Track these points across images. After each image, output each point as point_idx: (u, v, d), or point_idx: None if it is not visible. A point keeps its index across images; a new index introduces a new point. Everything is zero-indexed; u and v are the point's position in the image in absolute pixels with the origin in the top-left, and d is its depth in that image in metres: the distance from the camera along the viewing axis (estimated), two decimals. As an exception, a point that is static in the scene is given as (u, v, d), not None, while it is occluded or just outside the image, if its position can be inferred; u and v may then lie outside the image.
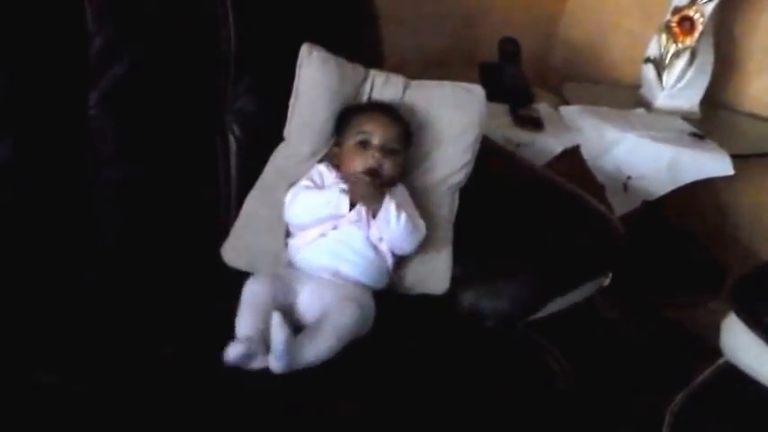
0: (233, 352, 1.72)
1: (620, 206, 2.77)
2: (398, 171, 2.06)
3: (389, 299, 1.99)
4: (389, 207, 1.98)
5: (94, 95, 1.95)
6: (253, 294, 1.87)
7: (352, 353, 1.80)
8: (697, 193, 3.00)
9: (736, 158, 2.72)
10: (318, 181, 2.04)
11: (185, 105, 2.08)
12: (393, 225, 1.98)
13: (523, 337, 2.08)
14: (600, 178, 2.82)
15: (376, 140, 2.02)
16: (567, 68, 3.50)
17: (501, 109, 2.91)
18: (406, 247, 2.03)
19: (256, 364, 1.74)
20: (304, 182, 2.04)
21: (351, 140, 2.04)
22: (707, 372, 2.17)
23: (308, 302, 1.91)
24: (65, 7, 1.91)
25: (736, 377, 2.08)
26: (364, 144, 2.03)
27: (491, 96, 2.39)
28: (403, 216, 1.98)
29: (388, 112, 2.08)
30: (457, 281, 2.09)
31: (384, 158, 2.02)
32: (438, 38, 3.14)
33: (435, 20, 3.12)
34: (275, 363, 1.71)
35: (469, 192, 2.18)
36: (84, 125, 1.94)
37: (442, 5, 3.13)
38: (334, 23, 2.29)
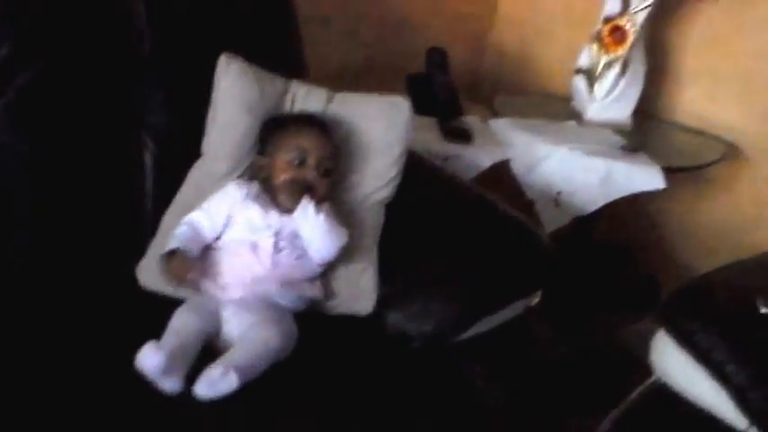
0: (150, 359, 1.64)
1: (551, 222, 2.74)
2: (329, 191, 2.01)
3: (313, 320, 1.93)
4: (308, 207, 1.93)
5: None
6: (181, 323, 1.80)
7: (273, 375, 1.73)
8: (629, 208, 2.99)
9: (668, 171, 2.69)
10: (219, 213, 1.97)
11: (96, 118, 2.02)
12: (311, 221, 1.93)
13: (451, 356, 2.02)
14: (530, 193, 2.78)
15: (312, 159, 1.97)
16: (498, 80, 3.49)
17: (429, 121, 2.87)
18: (325, 253, 1.97)
19: (168, 384, 1.66)
20: (193, 213, 1.97)
21: (284, 156, 1.98)
22: (637, 390, 2.14)
23: (231, 326, 1.84)
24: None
25: (666, 396, 2.07)
26: (296, 160, 1.97)
27: (419, 109, 2.34)
28: (322, 217, 1.93)
29: (321, 127, 2.03)
30: (382, 301, 2.04)
31: (320, 177, 1.97)
32: (363, 48, 3.10)
33: (361, 29, 3.08)
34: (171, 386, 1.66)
35: (395, 208, 2.14)
36: None
37: (368, 14, 3.09)
38: (254, 33, 2.24)
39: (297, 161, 1.96)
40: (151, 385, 1.64)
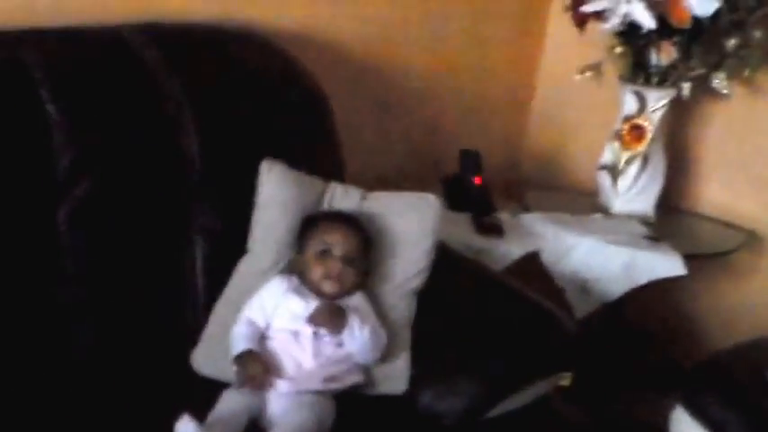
0: (185, 427, 1.79)
1: (580, 308, 2.86)
2: (359, 280, 2.15)
3: (350, 399, 2.07)
4: (353, 326, 2.07)
5: (63, 212, 2.06)
6: (226, 401, 1.97)
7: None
8: (656, 295, 3.11)
9: (690, 259, 2.82)
10: (268, 305, 2.13)
11: (152, 221, 2.19)
12: (358, 343, 2.08)
13: (481, 433, 2.14)
14: (559, 282, 2.91)
15: (337, 251, 2.12)
16: (531, 178, 3.61)
17: (463, 217, 3.01)
18: (370, 358, 2.12)
19: None
20: (247, 309, 2.14)
21: (312, 250, 2.14)
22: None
23: (274, 406, 1.99)
24: (32, 126, 2.04)
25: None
26: (325, 253, 2.12)
27: (454, 206, 2.49)
28: (366, 331, 2.08)
29: (348, 221, 2.18)
30: (415, 381, 2.16)
31: (345, 267, 2.12)
32: (400, 153, 3.25)
33: (397, 135, 3.24)
34: None
35: (430, 295, 2.27)
36: (53, 242, 2.05)
37: (405, 120, 3.25)
38: (295, 139, 2.42)
39: (322, 251, 2.11)
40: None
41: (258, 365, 2.03)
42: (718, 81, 2.96)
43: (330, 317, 2.07)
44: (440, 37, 3.26)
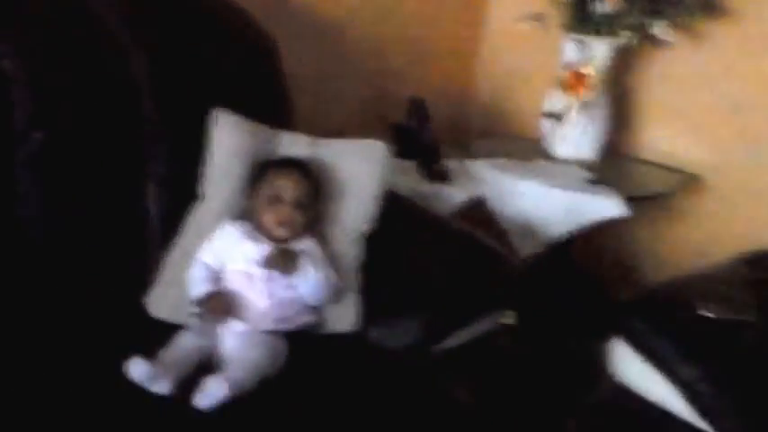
0: (136, 367, 1.89)
1: (525, 250, 2.96)
2: (308, 223, 2.23)
3: (301, 338, 2.16)
4: (305, 269, 2.16)
5: (20, 159, 2.12)
6: (180, 340, 2.06)
7: (264, 390, 1.96)
8: (599, 237, 3.21)
9: (632, 201, 2.93)
10: (222, 249, 2.21)
11: (106, 168, 2.25)
12: (310, 285, 2.17)
13: (429, 368, 2.24)
14: (504, 225, 3.01)
15: (288, 196, 2.19)
16: (477, 126, 3.71)
17: (411, 165, 3.10)
18: (321, 300, 2.21)
19: (157, 387, 1.89)
20: (202, 253, 2.21)
21: (263, 195, 2.21)
22: (597, 393, 2.35)
23: (226, 345, 2.08)
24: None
25: (623, 394, 2.27)
26: (276, 199, 2.19)
27: (402, 154, 2.57)
28: (318, 274, 2.17)
29: (298, 167, 2.25)
30: (365, 319, 2.25)
31: (295, 212, 2.19)
32: (348, 100, 3.32)
33: (345, 85, 3.31)
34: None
35: (378, 237, 2.35)
36: (11, 187, 2.12)
37: (352, 70, 3.32)
38: (245, 88, 2.48)
39: (273, 197, 2.19)
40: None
41: (224, 302, 2.12)
42: (659, 29, 3.04)
43: (283, 260, 2.15)
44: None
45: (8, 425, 1.77)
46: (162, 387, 1.90)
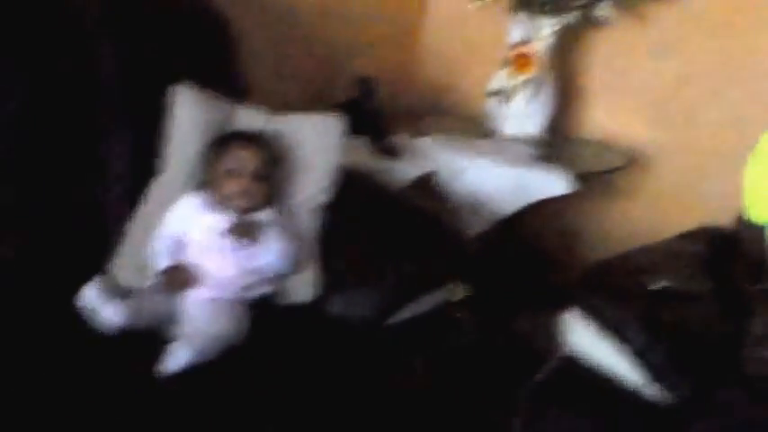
0: (88, 290, 1.98)
1: (473, 226, 3.00)
2: (267, 195, 2.27)
3: (263, 308, 2.21)
4: (267, 239, 2.21)
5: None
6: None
7: (228, 357, 2.01)
8: (546, 214, 3.28)
9: (577, 179, 3.00)
10: (184, 220, 2.24)
11: (70, 140, 2.28)
12: (272, 254, 2.22)
13: (386, 338, 2.29)
14: (453, 201, 3.05)
15: (247, 168, 2.23)
16: (423, 105, 3.73)
17: (360, 142, 3.14)
18: (282, 269, 2.26)
19: (107, 311, 1.97)
20: (165, 225, 2.25)
21: (222, 168, 2.24)
22: (550, 365, 2.41)
23: (191, 314, 2.11)
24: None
25: (575, 366, 2.33)
26: (235, 171, 2.23)
27: (350, 131, 2.59)
28: (279, 243, 2.22)
29: (256, 140, 2.29)
30: (323, 290, 2.30)
31: (254, 183, 2.23)
32: (298, 78, 3.34)
33: (294, 62, 3.33)
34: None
35: (334, 210, 2.40)
36: None
37: (301, 47, 3.34)
38: (202, 64, 2.50)
39: (231, 169, 2.22)
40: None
41: (185, 274, 2.17)
42: (603, 9, 3.11)
43: (246, 230, 2.19)
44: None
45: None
46: (112, 313, 1.96)
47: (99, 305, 1.97)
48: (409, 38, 3.79)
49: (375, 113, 3.22)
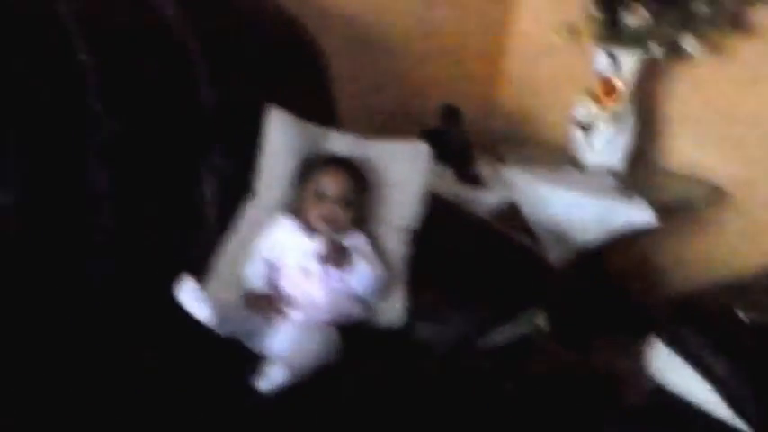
0: (185, 285, 2.01)
1: (556, 256, 3.00)
2: (354, 220, 2.30)
3: (353, 332, 2.22)
4: (358, 264, 2.23)
5: (93, 149, 2.21)
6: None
7: (320, 378, 2.02)
8: (627, 246, 3.28)
9: (658, 211, 2.98)
10: (278, 244, 2.28)
11: (169, 159, 2.35)
12: (362, 279, 2.24)
13: (472, 364, 2.30)
14: (536, 230, 3.07)
15: (331, 192, 2.26)
16: (505, 133, 3.76)
17: (445, 169, 3.16)
18: (371, 293, 2.28)
19: (199, 310, 2.00)
20: (261, 248, 2.29)
21: (309, 191, 2.28)
22: (636, 394, 2.41)
23: (282, 335, 2.12)
24: (67, 73, 2.20)
25: (660, 394, 2.33)
26: (321, 195, 2.26)
27: (435, 158, 2.62)
28: (369, 268, 2.25)
29: (344, 165, 2.32)
30: (411, 314, 2.32)
31: (340, 208, 2.26)
32: (383, 105, 3.38)
33: (382, 90, 3.38)
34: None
35: (422, 236, 2.42)
36: (83, 175, 2.21)
37: (389, 76, 3.40)
38: (296, 91, 2.56)
39: (318, 193, 2.26)
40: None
41: (266, 301, 2.20)
42: (688, 43, 3.11)
43: (337, 255, 2.21)
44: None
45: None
46: (204, 312, 2.00)
47: (193, 301, 2.01)
48: (493, 67, 3.81)
49: (460, 142, 3.24)
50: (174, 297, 2.01)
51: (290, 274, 2.24)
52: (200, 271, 2.30)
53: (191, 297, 2.01)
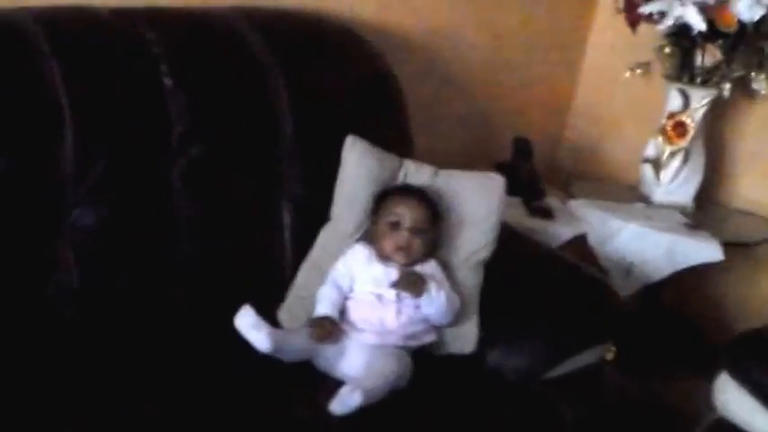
0: (245, 314, 2.08)
1: (623, 289, 3.01)
2: (428, 249, 2.34)
3: (424, 357, 2.28)
4: (431, 291, 2.26)
5: (176, 173, 2.30)
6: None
7: (392, 402, 2.07)
8: (690, 281, 3.30)
9: (724, 247, 3.01)
10: (352, 270, 2.33)
11: (249, 185, 2.43)
12: (435, 306, 2.28)
13: (541, 392, 2.35)
14: (604, 263, 3.11)
15: (406, 221, 2.31)
16: (573, 168, 3.80)
17: (516, 201, 3.20)
18: (444, 320, 2.33)
19: (257, 337, 2.07)
20: (335, 272, 2.34)
21: (384, 221, 2.33)
22: (703, 426, 2.44)
23: (354, 358, 2.18)
24: (152, 96, 2.29)
25: (727, 429, 2.36)
26: (396, 225, 2.31)
27: (507, 191, 2.69)
28: (442, 295, 2.28)
29: (418, 195, 2.36)
30: (483, 342, 2.36)
31: (413, 238, 2.31)
32: (456, 138, 3.44)
33: (455, 122, 3.45)
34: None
35: (494, 266, 2.46)
36: (168, 198, 2.29)
37: (462, 108, 3.46)
38: (374, 121, 2.62)
39: (393, 222, 2.30)
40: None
41: (328, 329, 2.22)
42: (758, 82, 3.14)
43: (411, 283, 2.26)
44: (495, 34, 3.48)
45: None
46: (262, 340, 2.06)
47: (248, 330, 2.07)
48: (564, 101, 3.86)
49: (530, 174, 3.29)
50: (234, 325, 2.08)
51: (363, 300, 2.29)
52: (276, 297, 2.38)
53: (247, 324, 2.08)
